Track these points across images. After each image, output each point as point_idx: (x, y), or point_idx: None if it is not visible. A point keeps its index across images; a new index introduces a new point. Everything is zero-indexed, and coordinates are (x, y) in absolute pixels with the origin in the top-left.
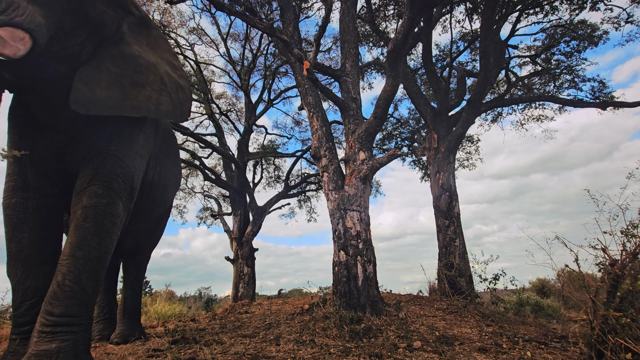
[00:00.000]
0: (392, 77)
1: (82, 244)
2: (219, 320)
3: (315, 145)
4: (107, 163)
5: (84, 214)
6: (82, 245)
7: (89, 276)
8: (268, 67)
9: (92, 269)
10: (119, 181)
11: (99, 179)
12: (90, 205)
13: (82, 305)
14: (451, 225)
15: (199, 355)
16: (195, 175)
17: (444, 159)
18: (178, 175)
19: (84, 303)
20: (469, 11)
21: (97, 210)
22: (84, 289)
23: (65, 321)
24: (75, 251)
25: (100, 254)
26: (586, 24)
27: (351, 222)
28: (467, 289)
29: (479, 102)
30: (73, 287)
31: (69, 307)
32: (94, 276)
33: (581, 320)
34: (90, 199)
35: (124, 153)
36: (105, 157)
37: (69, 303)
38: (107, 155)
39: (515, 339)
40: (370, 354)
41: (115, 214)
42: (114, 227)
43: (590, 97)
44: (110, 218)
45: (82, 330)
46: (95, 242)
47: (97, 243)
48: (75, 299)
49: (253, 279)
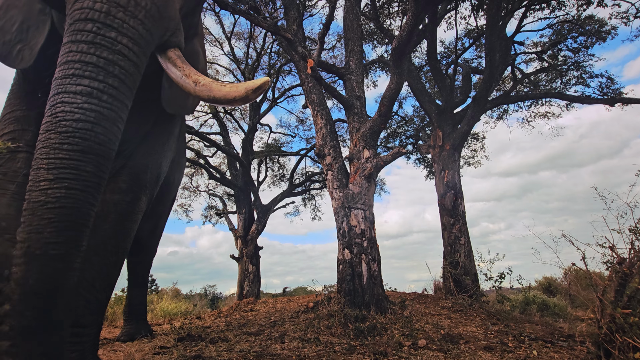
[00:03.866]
0: (397, 74)
1: (99, 248)
2: (224, 318)
3: (319, 144)
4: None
5: (105, 211)
6: (99, 249)
7: (102, 283)
8: (272, 65)
9: (108, 274)
10: (147, 173)
11: (127, 170)
12: (112, 202)
13: (93, 315)
14: (456, 224)
15: (204, 353)
16: (200, 173)
17: (449, 156)
18: (182, 172)
19: (95, 312)
20: (475, 7)
21: (118, 208)
22: (97, 298)
23: (76, 332)
24: (91, 256)
25: (117, 257)
26: (594, 19)
27: (355, 221)
28: (473, 288)
29: (485, 99)
30: (86, 297)
31: (79, 319)
32: (108, 282)
33: (588, 319)
34: (114, 195)
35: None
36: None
37: (80, 314)
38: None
39: (521, 337)
40: (375, 352)
41: (137, 211)
42: (134, 225)
43: (598, 93)
44: (132, 217)
45: (91, 340)
46: (113, 245)
47: (114, 246)
48: (87, 309)
49: (258, 277)
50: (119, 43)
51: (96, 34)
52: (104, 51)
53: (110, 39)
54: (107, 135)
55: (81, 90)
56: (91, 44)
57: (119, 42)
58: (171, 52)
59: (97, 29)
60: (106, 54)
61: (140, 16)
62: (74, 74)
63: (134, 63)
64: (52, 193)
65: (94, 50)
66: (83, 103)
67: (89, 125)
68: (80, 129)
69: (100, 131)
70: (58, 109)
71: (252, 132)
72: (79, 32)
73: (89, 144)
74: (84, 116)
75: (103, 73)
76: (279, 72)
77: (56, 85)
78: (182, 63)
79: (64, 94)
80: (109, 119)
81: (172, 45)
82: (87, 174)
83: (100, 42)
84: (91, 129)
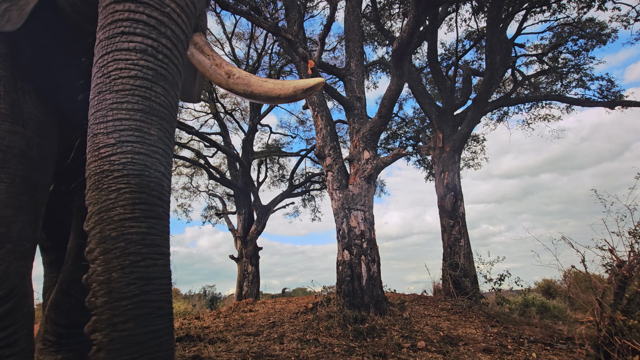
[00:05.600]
0: (397, 76)
1: None
2: (223, 318)
3: (319, 145)
4: None
5: None
6: None
7: None
8: (273, 66)
9: None
10: None
11: None
12: None
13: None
14: (456, 225)
15: (203, 353)
16: (200, 174)
17: (449, 158)
18: None
19: None
20: (475, 9)
21: None
22: None
23: (73, 332)
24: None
25: None
26: (594, 22)
27: (355, 222)
28: (472, 290)
29: (485, 101)
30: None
31: (75, 319)
32: None
33: (588, 322)
34: None
35: None
36: None
37: (75, 315)
38: None
39: (521, 340)
40: (374, 354)
41: None
42: None
43: (598, 96)
44: None
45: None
46: None
47: None
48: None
49: (257, 278)
50: (167, 6)
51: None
52: (153, 11)
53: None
54: (167, 97)
55: (134, 47)
56: (139, 3)
57: (167, 5)
58: (197, 36)
59: None
60: (156, 14)
61: None
62: (124, 32)
63: (182, 31)
64: (117, 159)
65: (143, 9)
66: (138, 60)
67: (148, 84)
68: (138, 86)
69: (160, 91)
70: (111, 68)
71: (253, 132)
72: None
73: (150, 103)
74: (140, 73)
75: (155, 32)
76: (279, 72)
77: (103, 46)
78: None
79: (115, 52)
80: (167, 80)
81: (198, 29)
82: (152, 136)
83: (149, 2)
84: (150, 87)
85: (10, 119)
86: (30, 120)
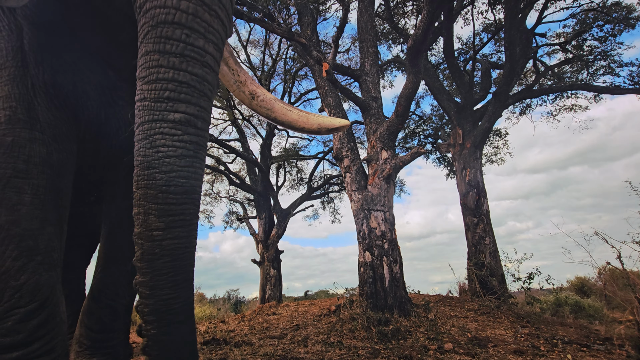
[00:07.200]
0: (413, 73)
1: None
2: (247, 321)
3: (336, 146)
4: None
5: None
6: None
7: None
8: (288, 70)
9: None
10: None
11: None
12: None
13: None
14: (480, 223)
15: (229, 356)
16: (221, 180)
17: (470, 154)
18: None
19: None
20: (492, 1)
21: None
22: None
23: (105, 337)
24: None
25: None
26: (621, 5)
27: (375, 222)
28: (500, 289)
29: (506, 95)
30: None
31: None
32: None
33: (627, 321)
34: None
35: None
36: None
37: (107, 320)
38: None
39: (554, 340)
40: (399, 356)
41: None
42: None
43: (629, 82)
44: None
45: (121, 343)
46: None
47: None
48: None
49: (279, 281)
50: (206, 53)
51: (186, 44)
52: (195, 66)
53: (199, 50)
54: (202, 166)
55: (179, 118)
56: (182, 57)
57: (207, 52)
58: None
59: (186, 36)
60: (198, 70)
61: (222, 15)
62: (169, 97)
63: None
64: (167, 245)
65: (186, 66)
66: (183, 134)
67: (190, 161)
68: (183, 166)
69: (198, 165)
70: (159, 142)
71: (270, 137)
72: (167, 41)
73: (192, 182)
74: (185, 150)
75: (197, 94)
76: (294, 77)
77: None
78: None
79: (161, 123)
80: (203, 147)
81: None
82: (191, 216)
83: (190, 55)
84: (192, 164)
85: (29, 125)
86: (46, 124)
